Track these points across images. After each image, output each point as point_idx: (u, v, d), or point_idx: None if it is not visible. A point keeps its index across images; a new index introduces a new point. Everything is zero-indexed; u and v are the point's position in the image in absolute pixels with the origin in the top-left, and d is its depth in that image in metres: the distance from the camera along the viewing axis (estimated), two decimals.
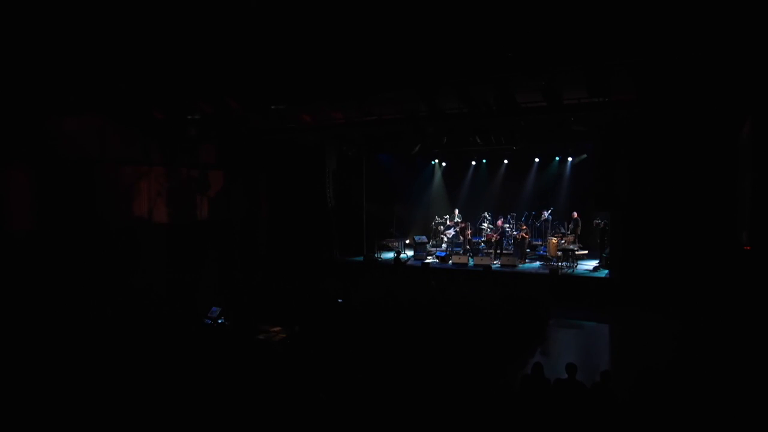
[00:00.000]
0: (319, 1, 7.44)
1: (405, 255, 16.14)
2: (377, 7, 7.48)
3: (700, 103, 10.42)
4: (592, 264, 14.10)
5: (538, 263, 14.81)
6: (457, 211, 17.24)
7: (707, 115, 10.89)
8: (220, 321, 9.13)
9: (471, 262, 14.86)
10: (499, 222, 15.69)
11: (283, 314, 9.43)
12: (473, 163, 17.88)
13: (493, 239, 15.38)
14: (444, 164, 18.60)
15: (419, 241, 16.50)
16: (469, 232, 15.80)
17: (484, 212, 16.48)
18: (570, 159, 16.20)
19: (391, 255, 15.91)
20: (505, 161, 17.18)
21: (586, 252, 14.77)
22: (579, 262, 14.28)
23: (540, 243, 15.79)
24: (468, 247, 16.12)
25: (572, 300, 12.35)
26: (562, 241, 14.52)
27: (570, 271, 13.62)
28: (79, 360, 6.97)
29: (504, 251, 15.37)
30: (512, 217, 16.04)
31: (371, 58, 9.31)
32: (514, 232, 15.48)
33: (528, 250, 15.26)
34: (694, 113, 10.99)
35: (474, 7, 7.42)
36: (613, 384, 5.75)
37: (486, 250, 15.67)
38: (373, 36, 8.40)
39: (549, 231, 15.49)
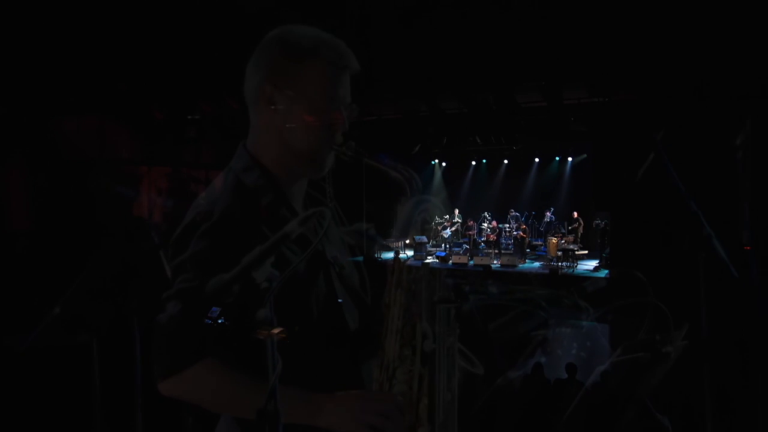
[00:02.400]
0: (318, 1, 7.45)
1: (405, 255, 16.07)
2: (378, 6, 7.49)
3: (700, 102, 10.41)
4: (592, 264, 14.10)
5: (538, 263, 14.81)
6: (457, 211, 17.22)
7: (708, 113, 10.88)
8: (220, 321, 9.14)
9: (471, 262, 14.86)
10: (494, 223, 15.68)
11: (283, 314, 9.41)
12: (473, 163, 17.86)
13: (491, 239, 15.38)
14: (444, 164, 18.58)
15: (419, 241, 16.48)
16: (473, 232, 15.77)
17: (484, 212, 16.45)
18: (570, 159, 16.19)
19: (391, 255, 15.85)
20: (505, 161, 17.16)
21: (586, 252, 14.77)
22: (579, 262, 14.28)
23: (540, 243, 15.79)
24: (468, 246, 16.11)
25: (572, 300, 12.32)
26: (562, 241, 14.52)
27: (570, 271, 13.61)
28: (79, 359, 6.97)
29: (504, 251, 15.36)
30: (513, 218, 16.02)
31: (371, 58, 9.30)
32: (514, 232, 15.47)
33: (528, 250, 15.25)
34: (695, 112, 10.98)
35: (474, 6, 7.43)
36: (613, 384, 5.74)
37: (486, 250, 15.66)
38: (372, 35, 8.41)
39: (550, 231, 15.49)
